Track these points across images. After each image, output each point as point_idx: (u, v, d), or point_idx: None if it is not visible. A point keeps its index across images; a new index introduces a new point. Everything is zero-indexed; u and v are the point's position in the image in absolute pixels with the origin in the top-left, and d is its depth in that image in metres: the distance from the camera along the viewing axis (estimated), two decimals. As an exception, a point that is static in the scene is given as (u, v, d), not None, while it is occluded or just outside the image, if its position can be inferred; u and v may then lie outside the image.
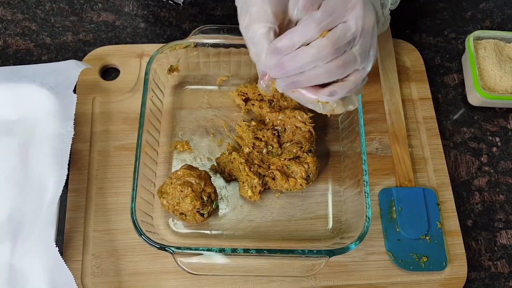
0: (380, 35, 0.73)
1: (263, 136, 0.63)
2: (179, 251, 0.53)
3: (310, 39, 0.44)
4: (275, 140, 0.63)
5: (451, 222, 0.63)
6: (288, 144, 0.63)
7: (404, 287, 0.60)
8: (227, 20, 0.76)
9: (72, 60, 0.66)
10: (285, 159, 0.62)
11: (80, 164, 0.64)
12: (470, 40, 0.70)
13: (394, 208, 0.63)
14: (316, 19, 0.43)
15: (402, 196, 0.64)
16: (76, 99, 0.63)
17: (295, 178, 0.61)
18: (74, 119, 0.62)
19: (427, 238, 0.62)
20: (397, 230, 0.62)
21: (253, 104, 0.67)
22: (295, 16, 0.45)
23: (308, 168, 0.61)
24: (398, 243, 0.62)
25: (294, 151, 0.62)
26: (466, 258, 0.62)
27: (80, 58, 0.71)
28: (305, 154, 0.62)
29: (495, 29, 0.78)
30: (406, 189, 0.64)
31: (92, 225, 0.61)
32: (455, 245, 0.62)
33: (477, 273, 0.62)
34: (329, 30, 0.44)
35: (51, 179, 0.60)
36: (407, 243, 0.61)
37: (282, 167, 0.62)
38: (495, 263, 0.63)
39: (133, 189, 0.56)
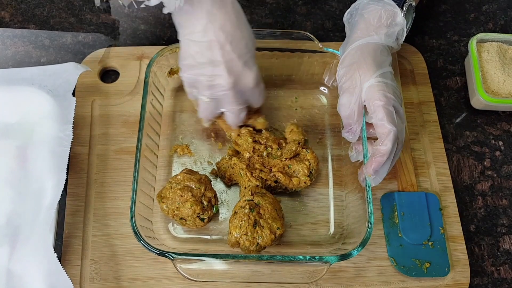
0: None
1: (262, 139, 0.63)
2: (179, 257, 0.53)
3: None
4: (274, 140, 0.63)
5: (454, 227, 0.63)
6: (286, 144, 0.63)
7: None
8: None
9: (71, 62, 0.66)
10: (286, 159, 0.61)
11: (79, 167, 0.63)
12: (473, 42, 0.70)
13: (396, 213, 0.63)
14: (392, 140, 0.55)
15: (405, 201, 0.63)
16: (75, 102, 0.62)
17: (298, 177, 0.61)
18: (73, 122, 0.61)
19: (430, 243, 0.61)
20: (400, 235, 0.61)
21: None
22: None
23: (310, 164, 0.61)
24: (400, 249, 0.61)
25: (293, 149, 0.61)
26: (469, 264, 0.61)
27: (79, 60, 0.70)
28: (304, 150, 0.62)
29: (498, 32, 0.78)
30: (408, 193, 0.64)
31: (91, 229, 0.60)
32: (458, 250, 0.62)
33: (480, 279, 0.62)
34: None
35: (50, 183, 0.59)
36: (410, 249, 0.61)
37: (284, 168, 0.61)
38: (498, 268, 0.63)
39: (133, 194, 0.55)
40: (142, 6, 0.52)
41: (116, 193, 0.62)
